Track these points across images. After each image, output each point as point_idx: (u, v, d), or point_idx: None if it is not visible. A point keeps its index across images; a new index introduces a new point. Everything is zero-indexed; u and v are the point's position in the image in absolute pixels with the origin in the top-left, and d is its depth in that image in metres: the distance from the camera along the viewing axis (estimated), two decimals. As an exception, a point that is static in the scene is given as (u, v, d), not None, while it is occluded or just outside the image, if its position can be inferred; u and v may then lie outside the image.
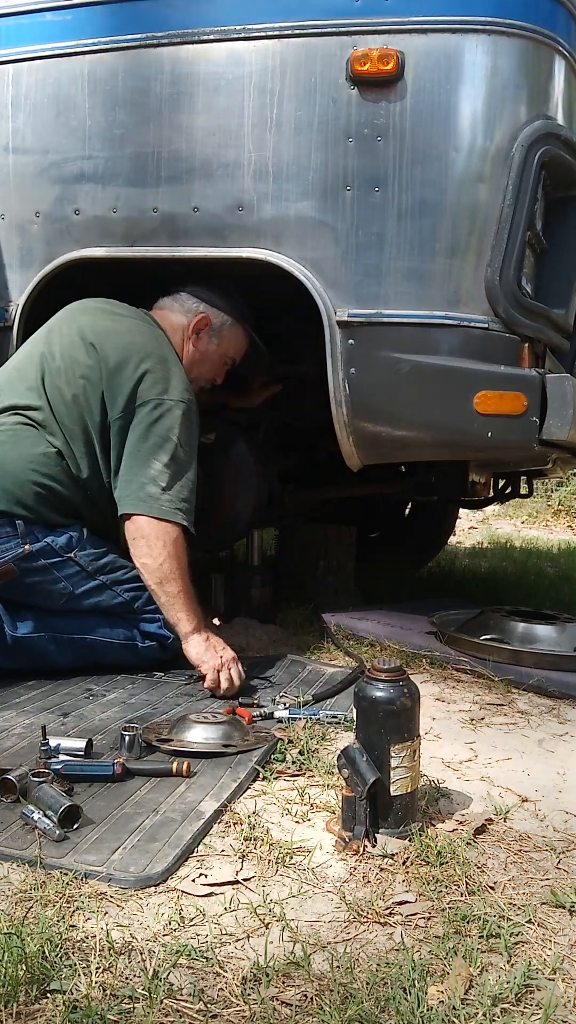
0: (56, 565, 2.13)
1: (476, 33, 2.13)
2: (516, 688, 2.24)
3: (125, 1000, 0.96)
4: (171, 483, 2.13)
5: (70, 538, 2.16)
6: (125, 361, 2.18)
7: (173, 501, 2.13)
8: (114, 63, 2.31)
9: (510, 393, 2.19)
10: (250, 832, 1.35)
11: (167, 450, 2.14)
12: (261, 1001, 0.97)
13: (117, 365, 2.17)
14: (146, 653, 2.21)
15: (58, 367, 2.20)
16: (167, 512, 2.11)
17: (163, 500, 2.11)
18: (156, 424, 2.15)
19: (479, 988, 1.01)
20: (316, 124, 2.19)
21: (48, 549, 2.12)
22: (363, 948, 1.09)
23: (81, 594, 2.16)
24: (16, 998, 0.95)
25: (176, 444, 2.15)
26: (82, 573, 2.16)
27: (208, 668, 2.06)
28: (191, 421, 2.21)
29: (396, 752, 1.35)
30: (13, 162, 2.42)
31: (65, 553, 2.14)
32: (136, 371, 2.17)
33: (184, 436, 2.17)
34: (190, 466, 2.19)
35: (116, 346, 2.20)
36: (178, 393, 2.19)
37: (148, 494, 2.12)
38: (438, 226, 2.17)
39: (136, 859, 1.24)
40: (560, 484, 7.74)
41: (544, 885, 1.27)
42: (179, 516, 2.13)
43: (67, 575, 2.14)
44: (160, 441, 2.14)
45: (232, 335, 2.42)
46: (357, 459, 2.40)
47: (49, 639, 2.12)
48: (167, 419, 2.15)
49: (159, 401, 2.16)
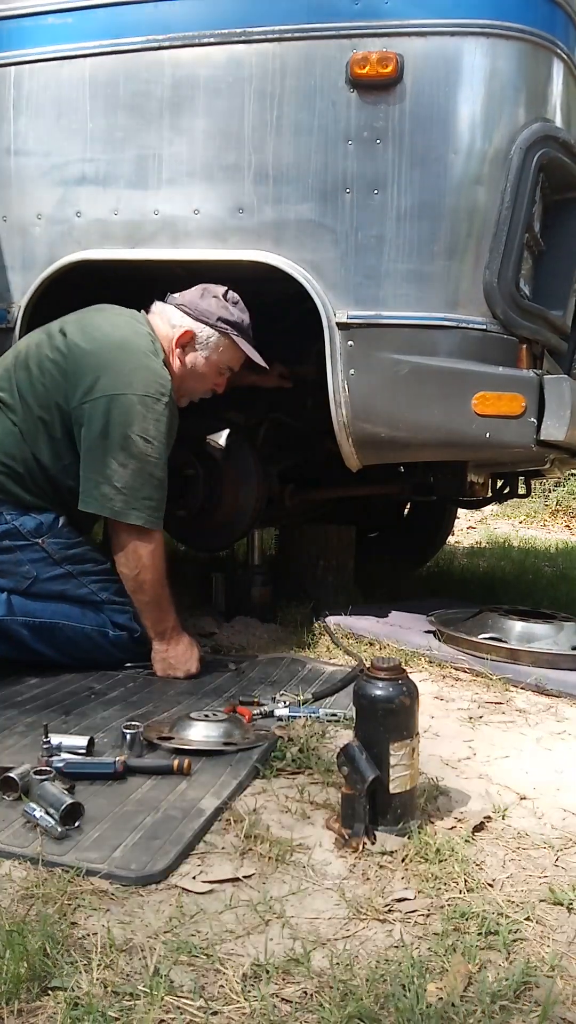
0: (22, 548, 2.15)
1: (475, 36, 2.14)
2: (514, 686, 2.24)
3: (126, 997, 0.97)
4: (129, 481, 2.09)
5: (40, 524, 2.16)
6: (91, 350, 2.15)
7: (129, 500, 2.09)
8: (115, 66, 2.31)
9: (508, 394, 2.20)
10: (250, 829, 1.36)
11: (125, 447, 2.08)
12: (261, 998, 0.97)
13: (83, 352, 2.14)
14: (117, 642, 2.22)
15: (30, 349, 2.21)
16: (121, 514, 2.09)
17: (116, 501, 2.09)
18: (113, 419, 2.09)
19: (478, 985, 1.02)
20: (316, 127, 2.20)
21: (14, 531, 2.14)
22: (362, 945, 1.10)
23: (46, 580, 2.16)
24: (18, 995, 0.96)
25: (136, 440, 2.08)
26: (48, 560, 2.17)
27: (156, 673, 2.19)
28: (158, 415, 2.12)
29: (395, 750, 1.35)
30: (15, 164, 2.43)
31: (32, 538, 2.15)
32: (101, 360, 2.13)
33: (147, 430, 2.10)
34: (153, 461, 2.12)
35: (88, 334, 2.18)
36: (142, 386, 2.11)
37: (102, 493, 2.10)
38: (437, 228, 2.18)
39: (137, 856, 1.25)
40: (558, 484, 7.74)
41: (542, 882, 1.27)
42: (133, 516, 2.09)
43: (32, 560, 2.15)
44: (118, 437, 2.08)
45: (223, 348, 2.33)
46: (356, 460, 2.41)
47: (22, 623, 2.12)
48: (126, 414, 2.09)
49: (118, 395, 2.09)
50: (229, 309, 2.31)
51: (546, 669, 2.30)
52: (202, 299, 2.31)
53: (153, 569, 2.15)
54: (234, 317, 2.32)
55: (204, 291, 2.32)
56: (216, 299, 2.31)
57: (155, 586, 2.16)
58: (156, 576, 2.16)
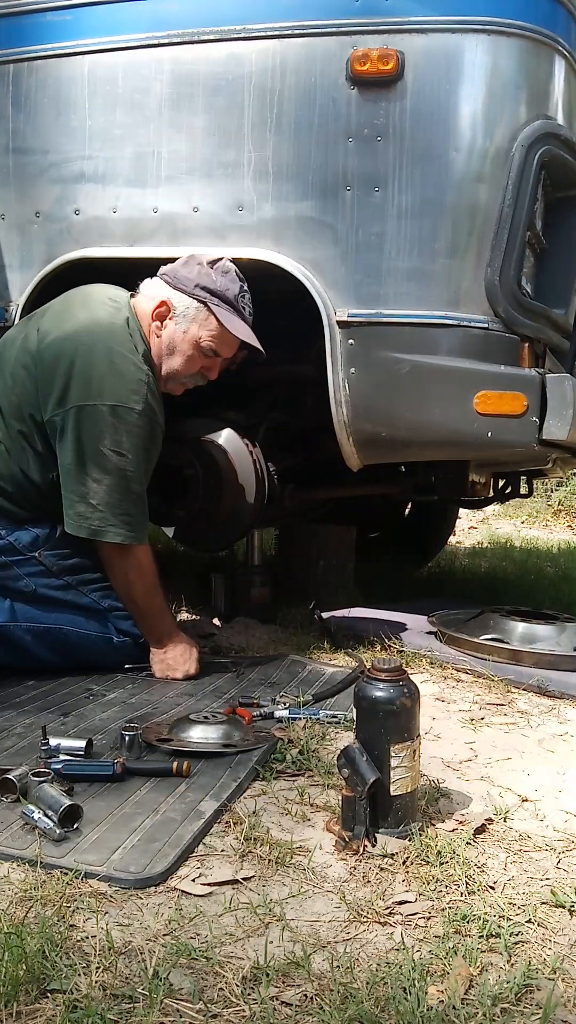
0: (18, 563, 2.11)
1: (476, 33, 2.13)
2: (516, 688, 2.24)
3: (125, 1000, 0.96)
4: (103, 498, 2.03)
5: (36, 537, 2.12)
6: (58, 357, 2.05)
7: (105, 518, 2.03)
8: (114, 63, 2.31)
9: (510, 393, 2.19)
10: (250, 832, 1.35)
11: (98, 462, 2.02)
12: (261, 1001, 0.97)
13: (53, 357, 2.05)
14: (122, 648, 2.20)
15: (5, 352, 2.16)
16: (99, 532, 2.04)
17: (94, 520, 2.04)
18: (84, 433, 2.01)
19: (479, 988, 1.01)
20: (316, 124, 2.19)
21: (9, 547, 2.10)
22: (363, 948, 1.09)
23: (46, 593, 2.13)
24: (16, 998, 0.95)
25: (108, 455, 2.01)
26: (46, 573, 2.13)
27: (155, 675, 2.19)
28: (131, 425, 2.03)
29: (396, 752, 1.35)
30: (13, 162, 2.42)
31: (29, 552, 2.11)
32: (67, 370, 2.03)
33: (120, 443, 2.02)
34: (130, 475, 2.05)
35: (59, 335, 2.08)
36: (112, 395, 2.02)
37: (78, 513, 2.05)
38: (438, 226, 2.17)
39: (136, 859, 1.24)
40: (560, 484, 7.73)
41: (544, 885, 1.27)
42: (111, 533, 2.04)
43: (29, 573, 2.12)
44: (90, 453, 2.01)
45: (201, 320, 2.16)
46: (357, 459, 2.40)
47: (25, 630, 2.10)
48: (96, 427, 2.01)
49: (87, 406, 2.01)
50: (212, 276, 2.16)
51: (548, 670, 2.29)
52: (184, 266, 2.19)
53: (140, 583, 2.13)
54: (216, 284, 2.16)
55: (189, 258, 2.21)
56: (200, 266, 2.18)
57: (145, 597, 2.15)
58: (145, 588, 2.15)
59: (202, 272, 2.17)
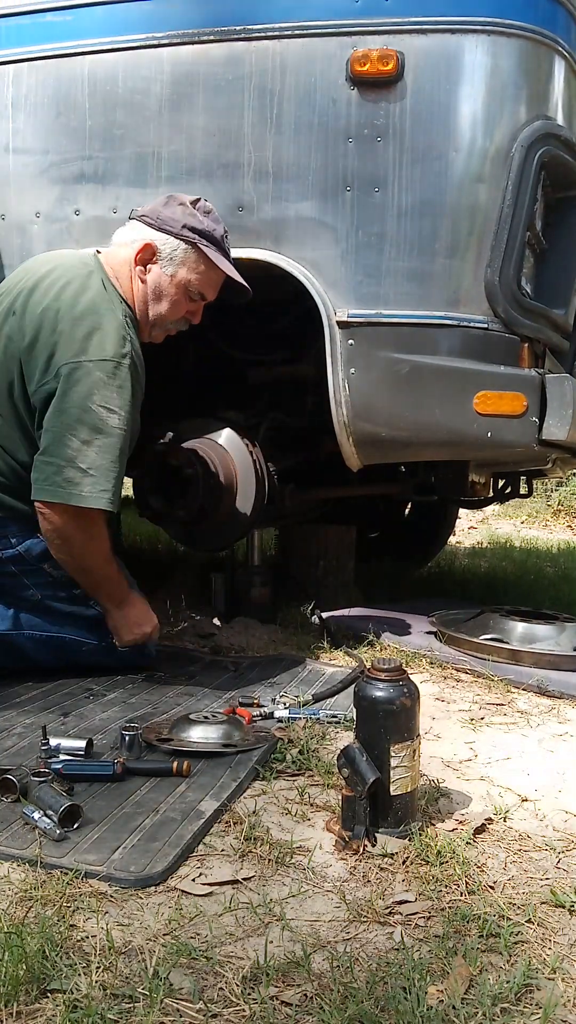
0: (26, 573, 2.06)
1: (476, 33, 2.13)
2: (516, 688, 2.24)
3: (125, 1000, 0.96)
4: (95, 461, 1.90)
5: (47, 549, 2.02)
6: (39, 329, 1.96)
7: (97, 482, 1.90)
8: (114, 63, 2.31)
9: (510, 393, 2.19)
10: (250, 832, 1.35)
11: (86, 422, 1.89)
12: (261, 1001, 0.97)
13: (32, 334, 1.97)
14: (123, 656, 2.17)
15: None
16: (90, 499, 1.90)
17: (84, 485, 1.89)
18: (70, 393, 1.90)
19: (479, 988, 1.01)
20: (316, 124, 2.19)
21: (19, 557, 2.04)
22: (363, 948, 1.09)
23: (50, 603, 2.09)
24: (16, 997, 0.95)
25: (98, 411, 1.90)
26: (53, 584, 2.08)
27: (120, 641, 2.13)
28: (121, 380, 1.93)
29: (396, 752, 1.35)
30: (13, 162, 2.42)
31: (39, 563, 2.05)
32: (51, 337, 1.94)
33: (109, 399, 1.92)
34: (120, 434, 1.93)
35: (34, 312, 1.99)
36: (98, 351, 1.92)
37: (66, 479, 1.89)
38: (438, 226, 2.17)
39: (136, 859, 1.25)
40: (560, 484, 7.73)
41: (544, 885, 1.27)
42: (103, 501, 1.91)
43: (36, 583, 2.07)
44: (78, 413, 1.89)
45: (191, 263, 2.10)
46: (357, 459, 2.40)
47: (28, 637, 2.08)
48: (82, 384, 1.90)
49: (74, 365, 1.91)
50: (198, 217, 2.09)
51: (548, 670, 2.29)
52: (165, 207, 2.10)
53: (101, 549, 2.01)
54: (203, 225, 2.09)
55: (169, 198, 2.12)
56: (183, 206, 2.09)
57: (105, 563, 2.05)
58: (104, 554, 2.03)
59: (187, 212, 2.09)
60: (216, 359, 2.88)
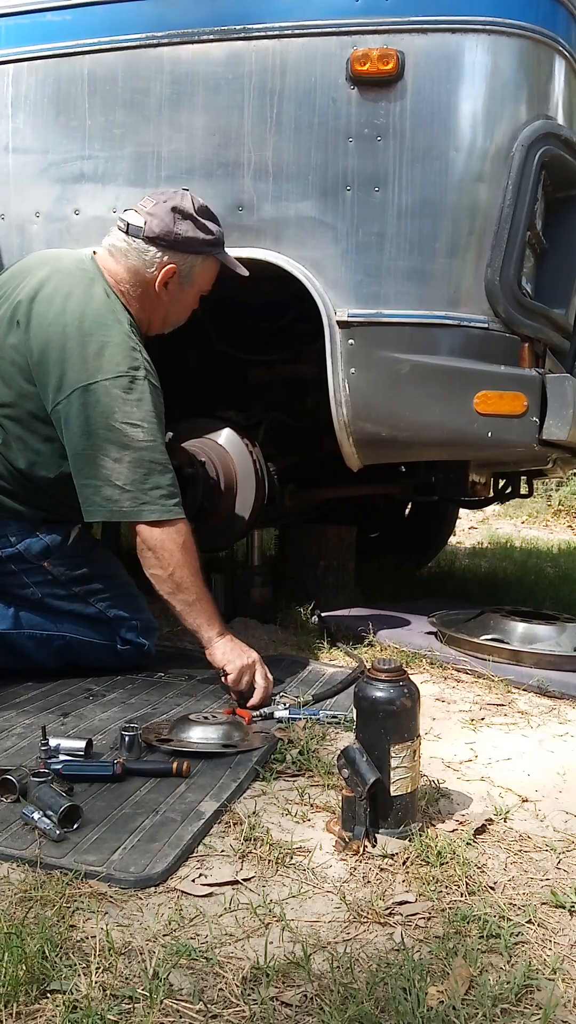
0: (26, 571, 2.06)
1: (476, 33, 2.13)
2: (516, 688, 2.23)
3: (125, 1000, 0.96)
4: (130, 475, 1.92)
5: (47, 546, 2.05)
6: (47, 344, 1.96)
7: (137, 496, 1.92)
8: (114, 63, 2.31)
9: (510, 393, 2.19)
10: (250, 832, 1.35)
11: (113, 440, 1.91)
12: (261, 1001, 0.97)
13: (40, 349, 1.96)
14: (125, 656, 2.17)
15: None
16: (130, 512, 1.92)
17: (124, 500, 1.92)
18: (92, 414, 1.91)
19: (479, 988, 1.01)
20: (316, 124, 2.19)
21: (18, 556, 2.04)
22: (363, 948, 1.09)
23: (50, 601, 2.09)
24: (16, 998, 0.95)
25: (122, 428, 1.91)
26: (53, 582, 2.08)
27: (234, 668, 1.96)
28: (139, 394, 1.95)
29: (396, 752, 1.35)
30: (13, 162, 2.42)
31: (38, 561, 2.06)
32: (60, 355, 1.95)
33: (130, 415, 1.93)
34: (148, 446, 1.94)
35: (40, 326, 1.98)
36: (112, 367, 1.93)
37: (105, 497, 1.92)
38: (438, 226, 2.17)
39: (136, 859, 1.24)
40: (560, 484, 7.74)
41: (544, 885, 1.26)
42: (147, 512, 1.92)
43: (36, 582, 2.07)
44: (103, 432, 1.91)
45: (203, 272, 2.15)
46: (357, 459, 2.40)
47: (28, 636, 2.08)
48: (102, 404, 1.91)
49: (89, 385, 1.92)
50: (208, 227, 2.11)
51: (548, 671, 2.29)
52: (175, 224, 2.07)
53: (188, 563, 1.95)
54: (215, 234, 2.12)
55: (171, 211, 2.07)
56: (190, 221, 2.08)
57: (196, 580, 1.97)
58: (193, 568, 1.97)
59: (197, 227, 2.09)
60: (216, 359, 2.88)
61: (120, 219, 2.13)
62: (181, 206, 2.09)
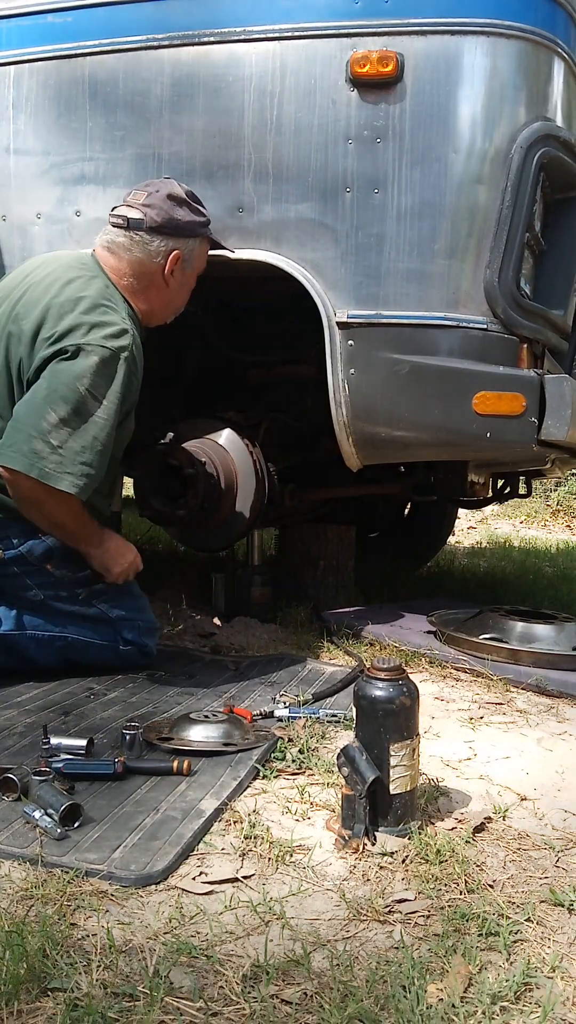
0: (29, 573, 2.06)
1: (475, 35, 2.14)
2: (515, 687, 2.24)
3: (125, 998, 0.96)
4: (66, 440, 1.88)
5: (49, 549, 2.05)
6: (42, 321, 1.99)
7: (63, 463, 1.88)
8: (115, 65, 2.31)
9: (509, 394, 2.19)
10: (250, 830, 1.36)
11: (69, 400, 1.88)
12: (261, 999, 0.97)
13: (35, 326, 1.99)
14: (127, 655, 2.17)
15: None
16: (50, 475, 1.87)
17: (50, 460, 1.87)
18: (62, 368, 1.89)
19: (478, 986, 1.01)
20: (316, 126, 2.19)
21: (21, 558, 2.04)
22: (363, 946, 1.10)
23: (54, 604, 2.09)
24: (17, 996, 0.95)
25: (84, 395, 1.89)
26: (56, 584, 2.09)
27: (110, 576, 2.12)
28: (114, 371, 1.94)
29: (395, 751, 1.35)
30: (14, 163, 2.42)
31: (41, 563, 2.06)
32: (56, 324, 1.96)
33: (98, 386, 1.91)
34: (101, 424, 1.92)
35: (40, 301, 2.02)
36: (102, 340, 1.93)
37: (32, 449, 1.86)
38: (437, 227, 2.17)
39: (137, 857, 1.25)
40: (558, 484, 7.73)
41: (543, 883, 1.27)
42: (65, 482, 1.88)
43: (39, 584, 2.08)
44: (64, 390, 1.88)
45: (200, 252, 2.24)
46: (357, 459, 2.41)
47: (30, 637, 2.08)
48: (77, 365, 1.89)
49: (76, 347, 1.92)
50: (200, 209, 2.21)
51: (547, 670, 2.30)
52: (174, 211, 2.15)
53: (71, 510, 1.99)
54: (206, 215, 2.22)
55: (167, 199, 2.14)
56: (186, 207, 2.16)
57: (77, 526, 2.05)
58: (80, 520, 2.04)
59: (192, 211, 2.17)
60: (216, 359, 2.88)
61: (113, 216, 2.17)
62: (174, 193, 2.16)
